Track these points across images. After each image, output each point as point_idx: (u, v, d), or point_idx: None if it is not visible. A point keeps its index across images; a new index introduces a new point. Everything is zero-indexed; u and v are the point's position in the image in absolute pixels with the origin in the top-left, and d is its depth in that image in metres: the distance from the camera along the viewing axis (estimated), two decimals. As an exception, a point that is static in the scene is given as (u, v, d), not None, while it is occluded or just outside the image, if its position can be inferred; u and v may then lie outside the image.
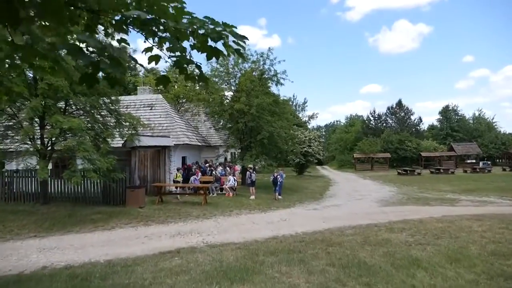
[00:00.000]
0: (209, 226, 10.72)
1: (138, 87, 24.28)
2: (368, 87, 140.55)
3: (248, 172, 18.02)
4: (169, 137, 18.93)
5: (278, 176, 17.88)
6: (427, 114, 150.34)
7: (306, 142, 34.39)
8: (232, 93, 23.83)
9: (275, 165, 22.21)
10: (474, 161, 51.27)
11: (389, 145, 53.55)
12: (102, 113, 13.94)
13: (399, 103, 68.86)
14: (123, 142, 14.67)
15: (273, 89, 25.52)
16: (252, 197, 17.53)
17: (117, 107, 13.38)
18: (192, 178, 18.27)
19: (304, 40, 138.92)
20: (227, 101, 23.21)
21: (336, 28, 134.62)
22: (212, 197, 17.39)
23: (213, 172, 20.07)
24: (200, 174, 19.03)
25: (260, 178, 25.86)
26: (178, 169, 17.78)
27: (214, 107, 23.22)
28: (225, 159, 27.63)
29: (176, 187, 16.91)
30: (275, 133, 21.50)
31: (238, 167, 23.08)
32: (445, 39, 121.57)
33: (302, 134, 35.83)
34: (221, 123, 26.22)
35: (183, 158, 21.28)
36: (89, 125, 12.98)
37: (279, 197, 18.02)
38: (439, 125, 64.62)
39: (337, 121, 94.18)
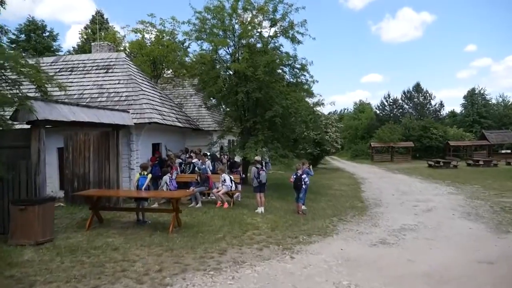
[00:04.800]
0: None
1: (92, 44, 17.06)
2: (369, 77, 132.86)
3: (254, 169, 11.00)
4: (128, 112, 11.89)
5: (304, 176, 10.88)
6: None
7: (322, 128, 27.21)
8: (229, 56, 16.66)
9: (292, 156, 15.13)
10: (509, 151, 44.40)
11: (411, 132, 46.47)
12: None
13: (417, 86, 61.75)
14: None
15: (287, 47, 18.28)
16: (260, 209, 10.61)
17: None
18: (165, 178, 11.33)
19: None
20: (223, 63, 16.10)
21: (338, 16, 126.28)
22: (194, 209, 10.47)
23: (203, 167, 12.83)
24: (175, 172, 12.06)
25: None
26: (144, 167, 9.50)
27: (202, 74, 16.13)
28: (221, 147, 20.67)
29: (132, 198, 9.72)
30: (292, 109, 14.44)
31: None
32: (448, 27, 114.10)
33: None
34: (213, 100, 19.15)
35: (155, 147, 14.29)
36: None
37: (304, 208, 11.11)
38: (464, 111, 57.31)
39: (345, 109, 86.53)
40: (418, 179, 23.01)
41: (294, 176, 10.87)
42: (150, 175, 9.15)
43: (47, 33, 36.23)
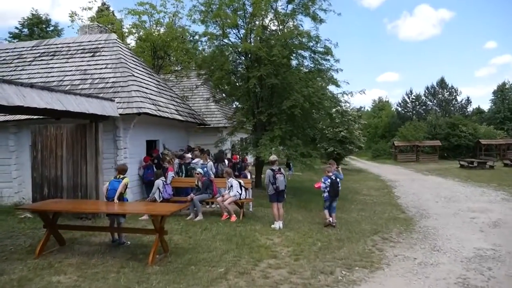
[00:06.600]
0: None
1: (80, 26, 14.89)
2: (385, 75, 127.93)
3: (269, 172, 8.44)
4: (113, 100, 9.56)
5: (336, 179, 8.34)
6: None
7: (347, 123, 24.37)
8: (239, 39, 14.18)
9: (316, 154, 12.56)
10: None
11: (437, 130, 43.11)
12: None
13: (441, 82, 58.08)
14: None
15: (308, 25, 15.68)
16: (278, 225, 8.11)
17: None
18: (158, 182, 9.03)
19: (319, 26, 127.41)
20: (233, 47, 13.62)
21: (353, 14, 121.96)
22: (192, 224, 8.05)
23: (205, 169, 10.44)
24: (171, 173, 9.68)
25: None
26: (120, 170, 6.97)
27: (205, 61, 13.74)
28: (233, 146, 18.27)
29: (109, 214, 7.07)
30: (315, 98, 11.88)
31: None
32: (467, 24, 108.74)
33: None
34: (223, 94, 16.82)
35: (150, 145, 11.96)
36: None
37: (334, 221, 8.56)
38: (493, 107, 53.35)
39: (361, 107, 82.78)
40: (456, 181, 20.07)
41: (328, 181, 8.32)
42: (126, 180, 6.73)
43: (52, 28, 34.61)
